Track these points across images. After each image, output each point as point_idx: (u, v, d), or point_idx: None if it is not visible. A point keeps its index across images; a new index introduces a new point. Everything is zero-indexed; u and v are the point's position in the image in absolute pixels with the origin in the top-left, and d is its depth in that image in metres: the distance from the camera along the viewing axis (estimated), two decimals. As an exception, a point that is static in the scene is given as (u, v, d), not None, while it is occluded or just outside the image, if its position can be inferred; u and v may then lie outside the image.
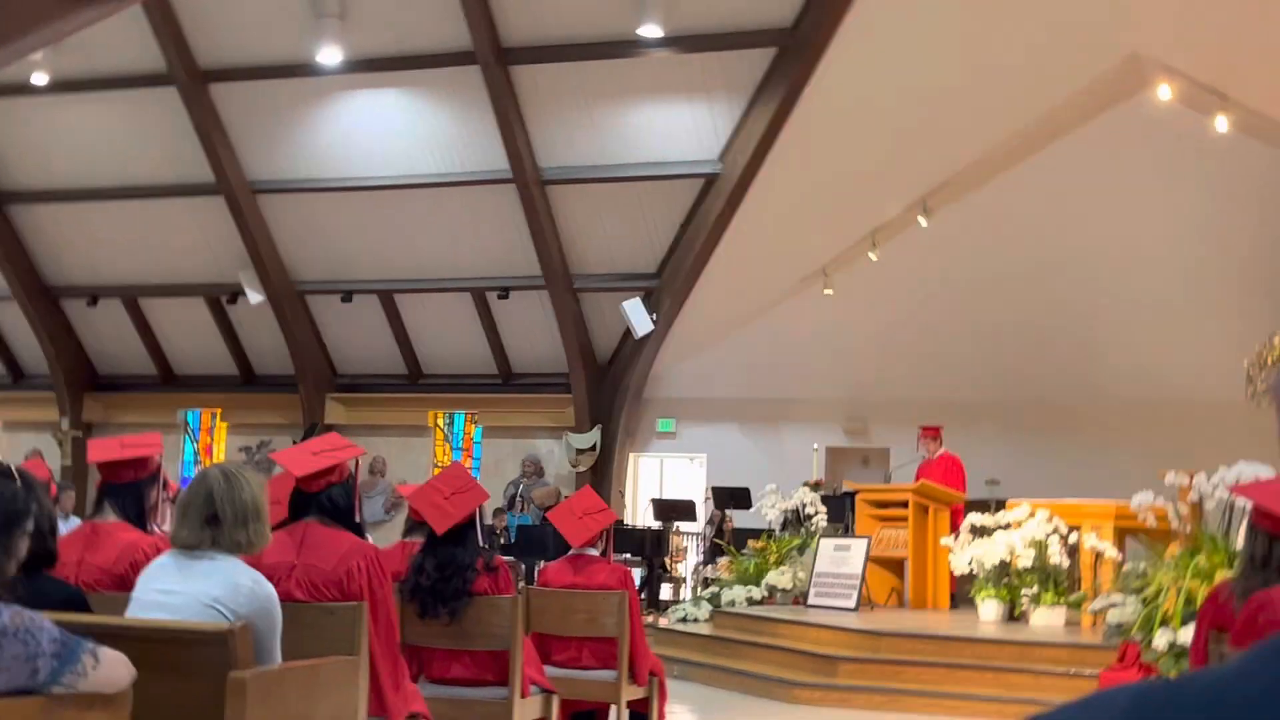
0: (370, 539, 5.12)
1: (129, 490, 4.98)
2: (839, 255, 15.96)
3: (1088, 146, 14.59)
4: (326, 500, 4.86)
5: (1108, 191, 14.85)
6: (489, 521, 12.89)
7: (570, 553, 6.83)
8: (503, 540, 15.30)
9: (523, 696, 5.64)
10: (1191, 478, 9.63)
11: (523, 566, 14.35)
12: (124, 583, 4.61)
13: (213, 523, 3.83)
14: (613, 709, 6.72)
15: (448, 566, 5.69)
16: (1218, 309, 14.99)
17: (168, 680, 3.56)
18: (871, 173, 15.00)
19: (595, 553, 6.78)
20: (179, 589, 3.82)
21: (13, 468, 3.01)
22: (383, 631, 4.71)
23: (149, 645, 3.28)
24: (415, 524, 7.01)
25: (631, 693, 6.54)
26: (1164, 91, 13.80)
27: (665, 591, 15.27)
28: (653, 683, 6.71)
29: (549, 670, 6.25)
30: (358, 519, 4.95)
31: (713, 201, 15.83)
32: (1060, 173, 14.78)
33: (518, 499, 16.97)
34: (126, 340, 19.45)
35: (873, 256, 15.55)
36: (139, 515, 4.98)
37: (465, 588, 5.64)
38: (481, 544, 5.88)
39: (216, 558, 3.85)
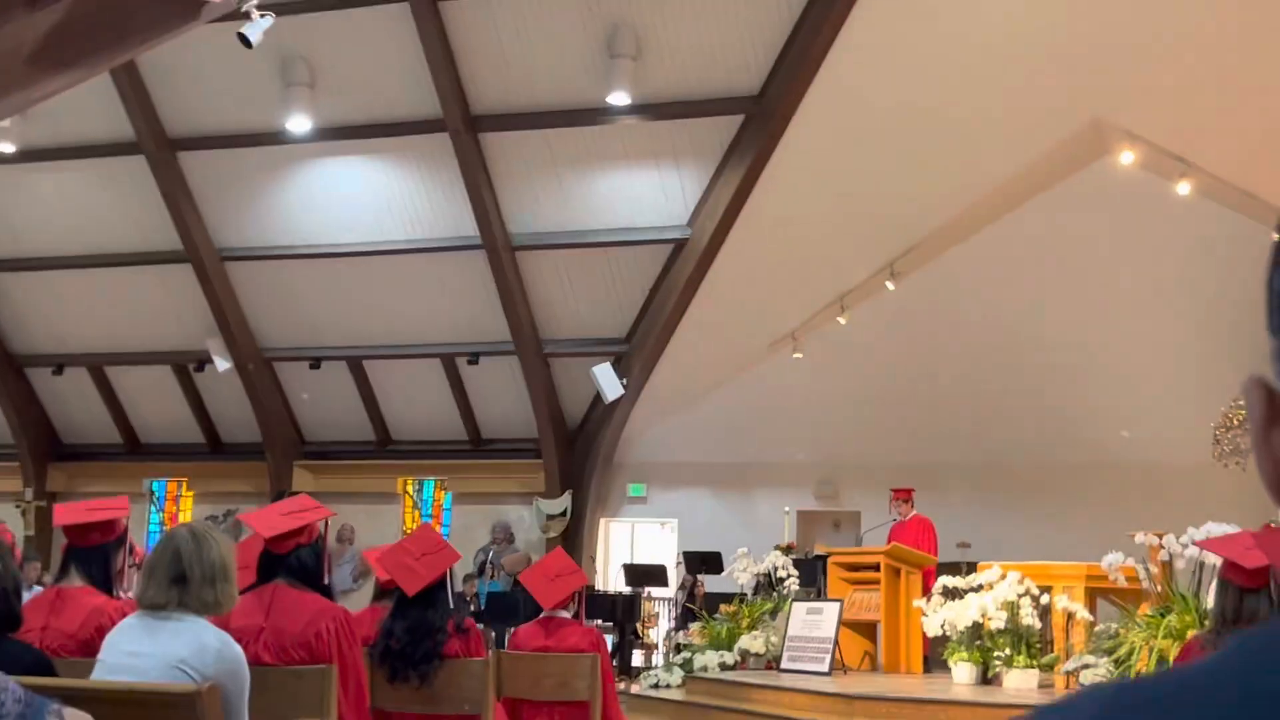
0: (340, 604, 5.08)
1: (95, 554, 4.93)
2: (808, 319, 16.05)
3: (1051, 212, 14.78)
4: (295, 561, 4.84)
5: (1072, 255, 15.02)
6: (459, 588, 12.76)
7: (542, 615, 6.78)
8: (473, 607, 15.18)
9: (494, 762, 5.57)
10: (1161, 538, 9.67)
11: (493, 634, 14.24)
12: (89, 648, 4.55)
13: (180, 582, 3.80)
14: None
15: (418, 629, 5.64)
16: (1183, 371, 15.13)
17: (133, 744, 3.51)
18: (839, 237, 15.14)
19: (567, 615, 6.74)
20: (145, 650, 3.78)
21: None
22: (352, 695, 4.66)
23: (116, 708, 3.23)
24: (383, 590, 6.97)
25: (605, 757, 6.47)
26: (1126, 157, 14.02)
27: (637, 658, 15.17)
28: (626, 747, 6.64)
29: (521, 735, 6.19)
30: (326, 581, 4.91)
31: (682, 266, 15.91)
32: (1024, 237, 14.95)
33: (488, 565, 16.85)
34: (92, 409, 19.30)
35: (842, 321, 15.65)
36: (105, 579, 4.93)
37: (436, 650, 5.59)
38: (452, 606, 5.84)
39: (184, 618, 3.81)
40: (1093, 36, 12.98)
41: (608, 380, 16.45)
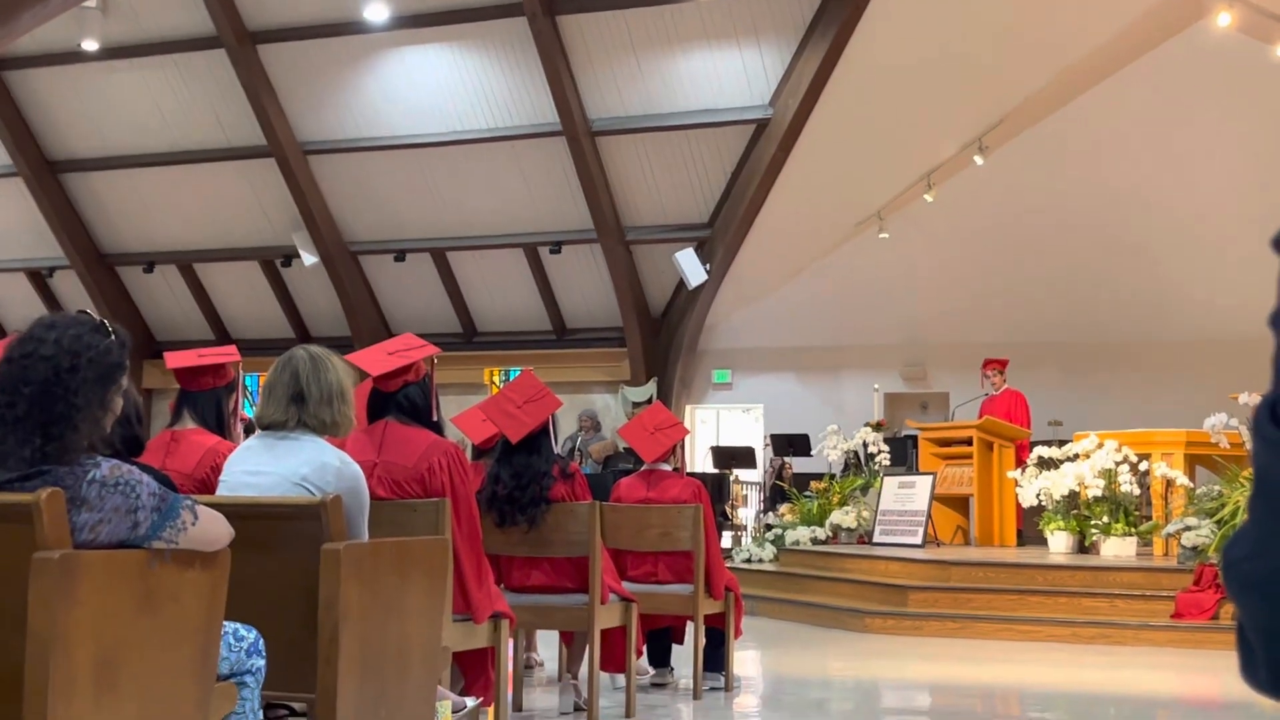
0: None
1: (207, 398, 4.98)
2: (894, 198, 15.78)
3: (1145, 79, 14.33)
4: (404, 399, 4.85)
5: (1166, 124, 14.59)
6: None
7: (643, 468, 6.79)
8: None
9: (602, 603, 5.61)
10: (1266, 398, 9.46)
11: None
12: (205, 486, 4.62)
13: (298, 401, 3.81)
14: (689, 624, 6.68)
15: (524, 474, 5.67)
16: (1283, 240, 14.70)
17: (260, 556, 3.55)
18: (925, 113, 14.82)
19: (668, 468, 6.74)
20: (267, 468, 3.81)
21: (106, 323, 2.99)
22: (465, 528, 4.70)
23: (240, 522, 3.25)
24: (481, 450, 7.01)
25: (708, 607, 6.50)
26: (1223, 19, 13.52)
27: (726, 539, 15.22)
28: (728, 597, 6.68)
29: (627, 585, 6.22)
30: (435, 418, 4.93)
31: (764, 148, 15.70)
32: (1118, 107, 14.53)
33: (575, 453, 16.95)
34: (183, 306, 19.60)
35: (928, 198, 15.37)
36: (218, 422, 4.98)
37: (542, 495, 5.62)
38: (557, 452, 5.85)
39: (302, 438, 3.83)
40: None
41: (691, 266, 16.35)
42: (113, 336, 2.97)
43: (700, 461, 16.75)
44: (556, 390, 6.56)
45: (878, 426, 13.69)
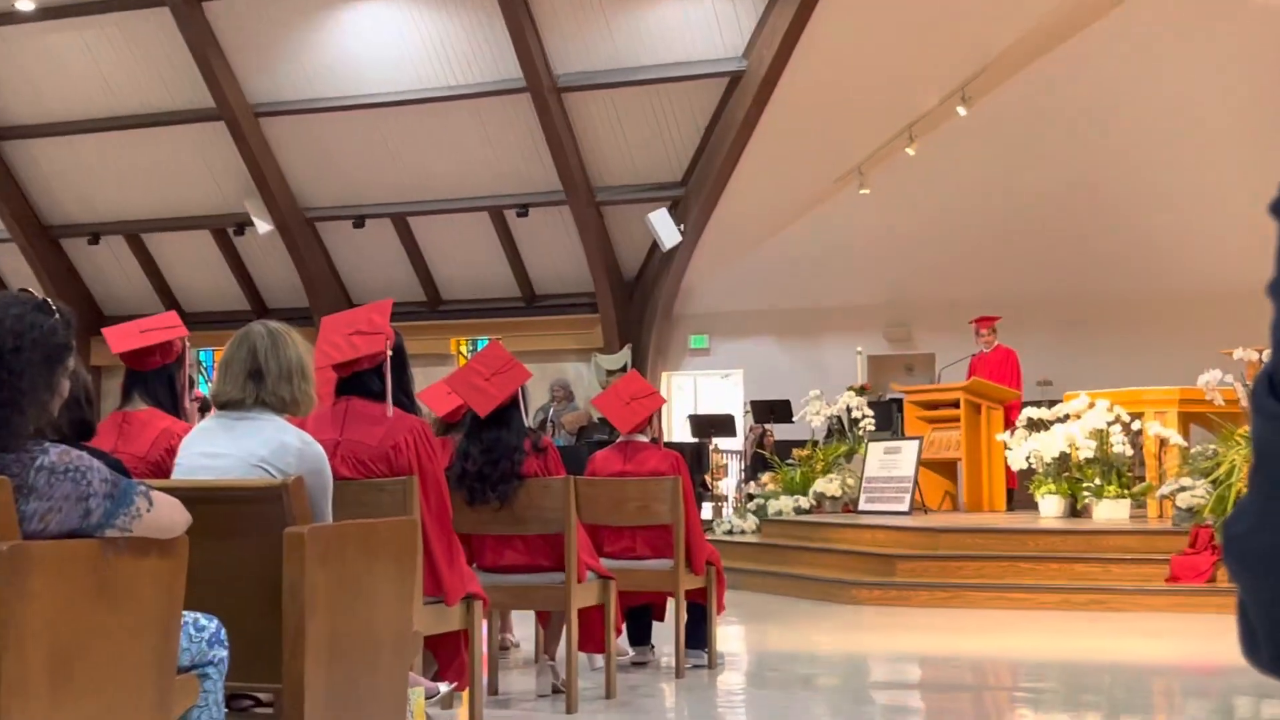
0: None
1: (157, 376, 4.93)
2: (875, 152, 15.78)
3: (1134, 24, 14.33)
4: (370, 380, 4.83)
5: (1157, 71, 14.61)
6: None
7: (618, 440, 6.80)
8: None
9: (579, 581, 5.62)
10: (1262, 353, 9.54)
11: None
12: (160, 470, 4.59)
13: (256, 378, 3.79)
14: (670, 601, 6.70)
15: (494, 449, 5.67)
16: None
17: (220, 542, 3.54)
18: (906, 62, 14.80)
19: (645, 439, 6.75)
20: (224, 450, 3.79)
21: (50, 301, 2.96)
22: (435, 507, 4.69)
23: (198, 507, 3.24)
24: (448, 424, 7.01)
25: (689, 582, 6.53)
26: (1213, -42, 13.54)
27: (706, 511, 15.28)
28: (710, 571, 6.70)
29: (604, 562, 6.23)
30: (185, 404, 4.91)
31: (738, 101, 15.66)
32: (1106, 53, 14.54)
33: (548, 424, 16.96)
34: (132, 278, 19.46)
35: (910, 151, 15.38)
36: (171, 400, 4.94)
37: (514, 470, 5.62)
38: (528, 425, 5.85)
39: (261, 417, 3.81)
40: None
41: (664, 227, 16.32)
42: (57, 316, 2.94)
43: (678, 431, 16.78)
44: (526, 360, 6.55)
45: (861, 390, 13.74)
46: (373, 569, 3.71)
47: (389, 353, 4.94)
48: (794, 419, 14.65)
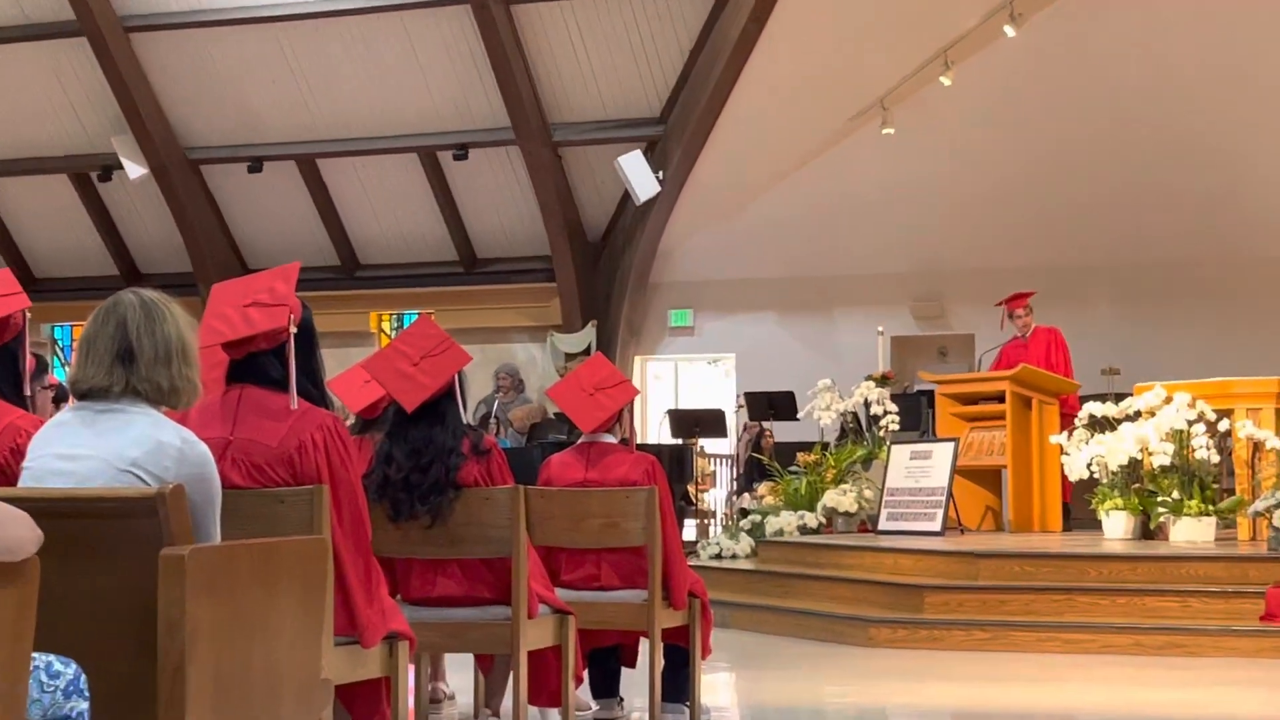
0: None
1: (-4, 357, 4.91)
2: (901, 82, 15.82)
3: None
4: (267, 362, 4.81)
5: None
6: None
7: (579, 441, 6.80)
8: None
9: (530, 616, 5.62)
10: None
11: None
12: (3, 475, 4.57)
13: (126, 360, 3.77)
14: (643, 642, 6.71)
15: (424, 452, 5.65)
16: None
17: (80, 566, 3.53)
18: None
19: (612, 440, 6.75)
20: (85, 450, 3.77)
21: None
22: (349, 523, 4.68)
23: (52, 522, 3.22)
24: (367, 420, 6.99)
25: (667, 618, 6.53)
26: None
27: (689, 530, 15.33)
28: (693, 605, 6.70)
29: (560, 593, 6.24)
30: (28, 391, 4.91)
31: (731, 18, 15.69)
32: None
33: (492, 420, 16.95)
34: (-32, 235, 19.41)
35: (946, 82, 15.42)
36: (15, 387, 4.92)
37: (449, 478, 5.61)
38: (468, 422, 5.85)
39: (132, 409, 3.79)
40: None
41: (639, 175, 16.33)
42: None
43: (655, 430, 16.80)
44: (465, 340, 6.54)
45: (883, 380, 13.77)
46: (271, 600, 3.70)
47: (293, 330, 4.91)
48: (799, 416, 14.69)
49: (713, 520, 16.07)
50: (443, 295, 18.19)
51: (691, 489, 15.72)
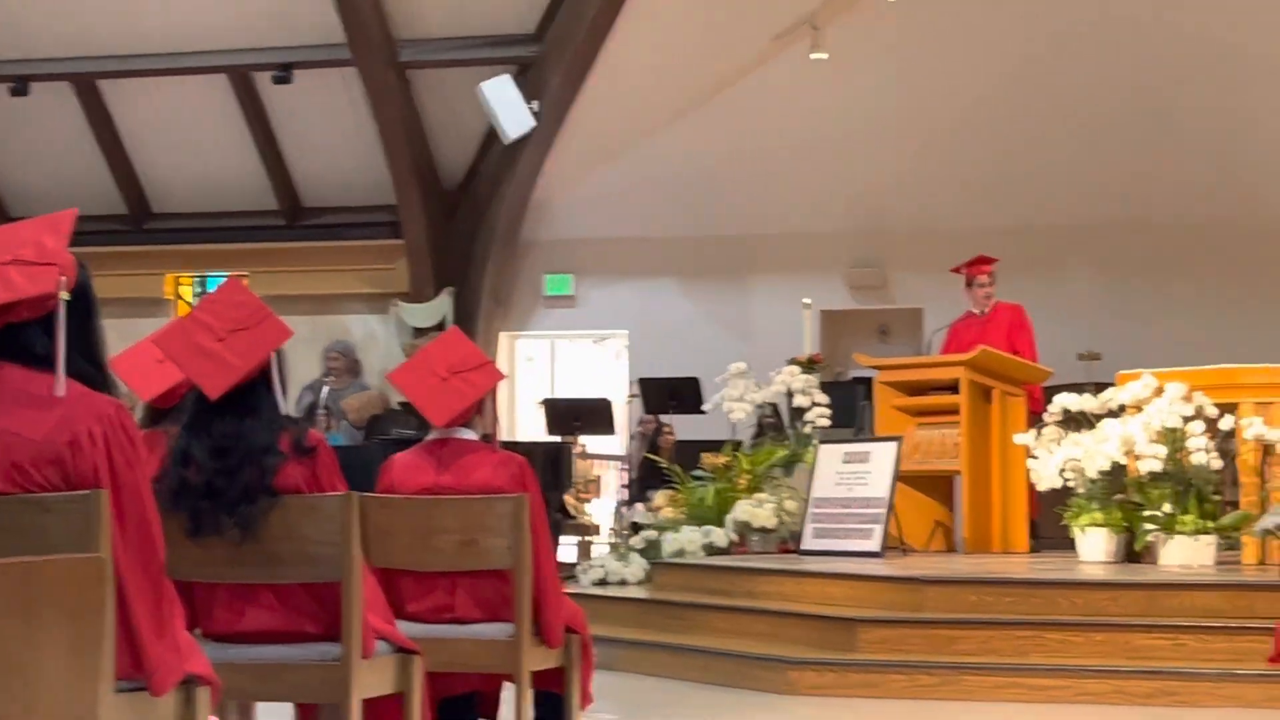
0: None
1: None
2: (834, -5, 15.96)
3: None
4: (31, 335, 4.76)
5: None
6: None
7: (430, 436, 6.78)
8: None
9: (365, 656, 5.60)
10: None
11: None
12: None
13: None
14: (508, 687, 6.72)
15: (232, 450, 5.61)
16: None
17: None
18: None
19: (471, 436, 6.74)
20: None
21: None
22: (136, 538, 4.64)
23: None
24: (159, 410, 6.92)
25: (538, 659, 6.54)
26: None
27: (567, 549, 15.35)
28: (571, 643, 6.72)
29: (404, 627, 6.23)
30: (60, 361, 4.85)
31: (626, -91, 15.75)
32: None
33: (320, 411, 16.89)
34: None
35: (890, -4, 15.55)
36: None
37: (263, 482, 5.57)
38: (288, 413, 5.81)
39: None
40: None
41: (507, 105, 16.31)
42: None
43: (525, 424, 16.81)
44: (286, 310, 6.50)
45: (810, 364, 13.85)
46: (33, 634, 3.66)
47: (64, 295, 4.86)
48: (705, 408, 14.74)
49: (596, 537, 16.10)
50: (258, 253, 18.10)
51: (570, 498, 15.74)
